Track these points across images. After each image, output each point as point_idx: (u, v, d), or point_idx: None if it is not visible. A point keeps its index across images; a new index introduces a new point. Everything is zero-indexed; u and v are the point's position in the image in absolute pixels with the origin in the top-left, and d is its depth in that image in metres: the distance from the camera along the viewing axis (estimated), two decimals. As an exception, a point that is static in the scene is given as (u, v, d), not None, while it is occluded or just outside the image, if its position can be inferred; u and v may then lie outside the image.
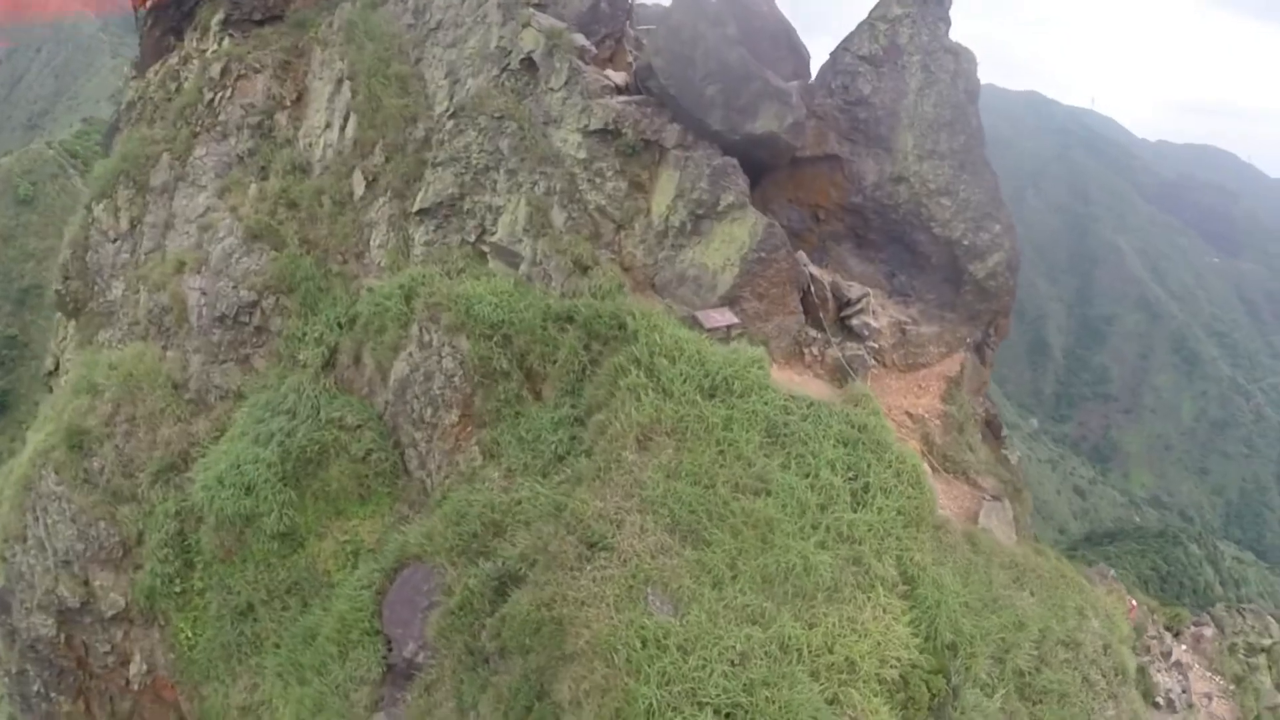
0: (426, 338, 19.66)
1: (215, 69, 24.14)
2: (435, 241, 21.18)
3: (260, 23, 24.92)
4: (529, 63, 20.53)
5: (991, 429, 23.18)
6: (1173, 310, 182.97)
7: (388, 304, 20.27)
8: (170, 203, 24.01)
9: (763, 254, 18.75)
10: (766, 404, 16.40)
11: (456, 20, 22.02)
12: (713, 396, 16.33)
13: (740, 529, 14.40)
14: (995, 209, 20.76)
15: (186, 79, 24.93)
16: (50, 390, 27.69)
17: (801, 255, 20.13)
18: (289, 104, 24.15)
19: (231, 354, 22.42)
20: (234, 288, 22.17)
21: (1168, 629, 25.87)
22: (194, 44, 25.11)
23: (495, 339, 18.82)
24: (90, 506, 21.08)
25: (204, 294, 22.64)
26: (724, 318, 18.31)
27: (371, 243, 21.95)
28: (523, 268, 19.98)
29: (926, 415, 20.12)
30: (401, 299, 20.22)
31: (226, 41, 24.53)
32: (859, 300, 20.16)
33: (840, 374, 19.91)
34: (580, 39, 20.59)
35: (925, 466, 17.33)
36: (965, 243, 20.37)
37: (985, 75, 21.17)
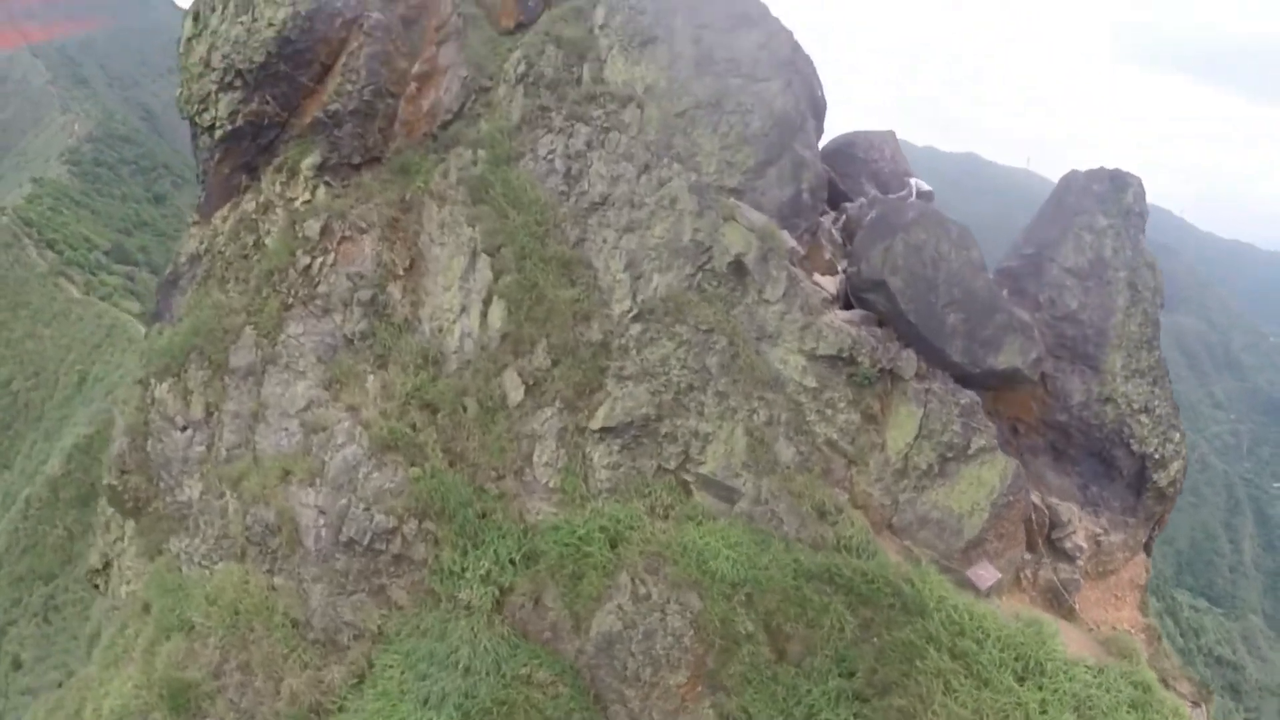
0: (643, 590, 18.94)
1: (312, 227, 21.76)
2: (622, 465, 20.25)
3: (357, 166, 22.44)
4: (737, 266, 19.85)
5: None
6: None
7: (588, 549, 19.31)
8: (258, 389, 21.55)
9: (1010, 497, 19.39)
10: (1072, 680, 17.53)
11: (632, 199, 20.91)
12: (1024, 680, 17.08)
13: (1072, 820, 15.20)
14: (1175, 416, 22.34)
15: (268, 232, 22.26)
16: (98, 589, 24.18)
17: (1024, 483, 20.81)
18: (401, 272, 22.01)
19: (362, 584, 20.55)
20: (366, 509, 20.29)
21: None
22: (275, 188, 22.37)
23: (736, 599, 18.37)
24: (216, 789, 18.76)
25: (323, 513, 20.59)
26: (990, 574, 18.89)
27: (536, 459, 20.66)
28: (741, 505, 19.55)
29: (1131, 629, 21.57)
30: (605, 544, 19.30)
31: (322, 191, 22.07)
32: (1068, 521, 21.14)
33: (1051, 595, 20.95)
34: (790, 240, 20.21)
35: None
36: (1156, 455, 21.80)
37: (923, 138, 22.58)
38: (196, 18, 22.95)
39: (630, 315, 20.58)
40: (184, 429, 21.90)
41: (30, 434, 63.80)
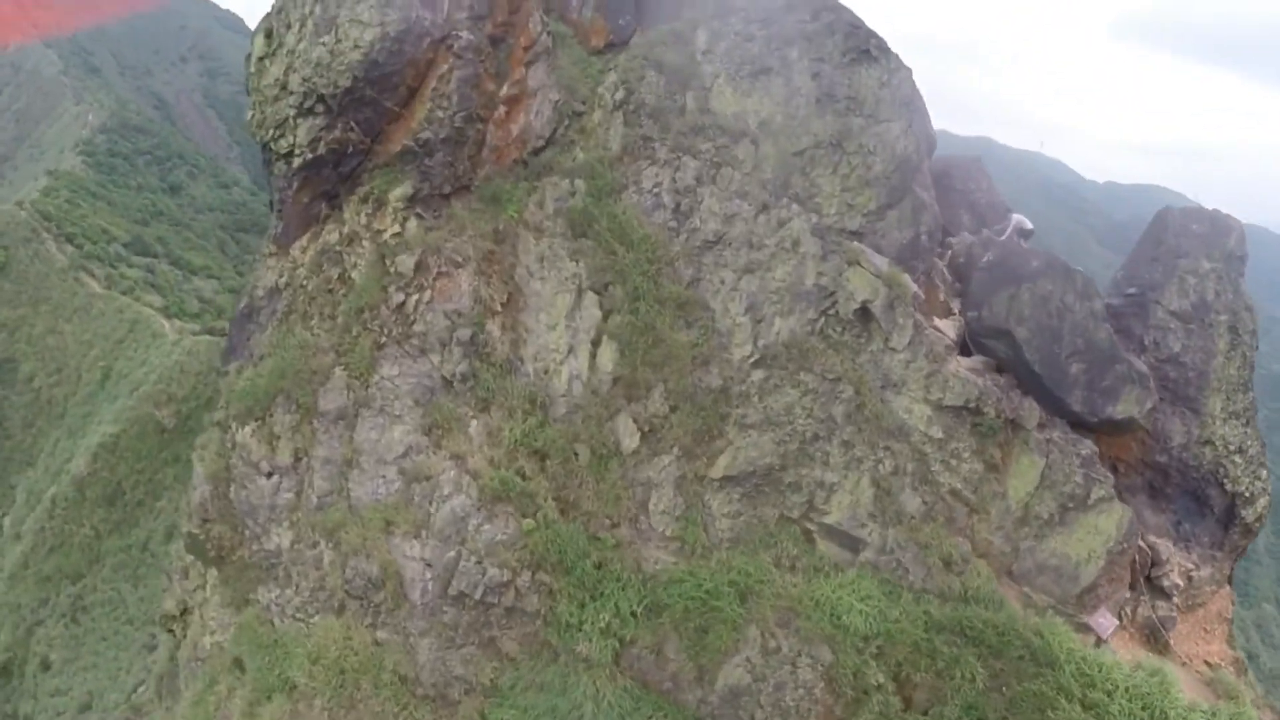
0: (773, 644, 19.39)
1: (405, 262, 21.24)
2: (743, 514, 20.52)
3: (447, 196, 21.89)
4: (863, 312, 20.06)
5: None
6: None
7: (716, 604, 19.53)
8: (351, 434, 21.11)
9: (1125, 544, 20.16)
10: (1191, 725, 18.25)
11: (750, 239, 20.88)
12: (1149, 727, 17.92)
13: None
14: (1263, 454, 23.44)
15: (355, 265, 21.62)
16: (172, 634, 23.64)
17: (1129, 525, 21.62)
18: (499, 308, 21.65)
19: (472, 637, 20.52)
20: (477, 563, 20.22)
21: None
22: (361, 219, 21.67)
23: (868, 651, 18.88)
24: None
25: (429, 566, 20.44)
26: (1110, 622, 19.77)
27: (651, 507, 20.80)
28: (865, 554, 20.02)
29: (1221, 663, 22.78)
30: (734, 598, 19.53)
31: (413, 222, 21.47)
32: (1167, 560, 22.11)
33: (1149, 631, 21.98)
34: (913, 285, 20.41)
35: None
36: (1246, 493, 22.87)
37: (938, 122, 23.11)
38: (269, 35, 21.88)
39: (751, 361, 20.66)
40: (270, 475, 21.32)
41: (53, 431, 63.37)
